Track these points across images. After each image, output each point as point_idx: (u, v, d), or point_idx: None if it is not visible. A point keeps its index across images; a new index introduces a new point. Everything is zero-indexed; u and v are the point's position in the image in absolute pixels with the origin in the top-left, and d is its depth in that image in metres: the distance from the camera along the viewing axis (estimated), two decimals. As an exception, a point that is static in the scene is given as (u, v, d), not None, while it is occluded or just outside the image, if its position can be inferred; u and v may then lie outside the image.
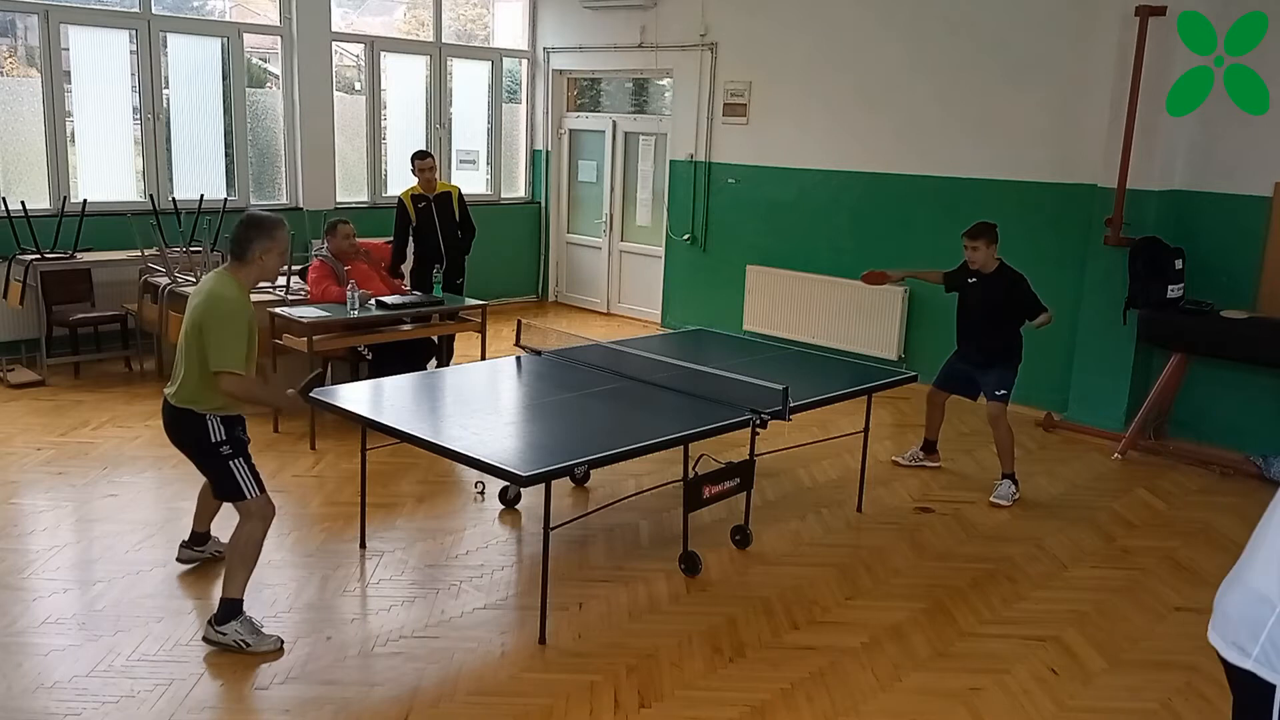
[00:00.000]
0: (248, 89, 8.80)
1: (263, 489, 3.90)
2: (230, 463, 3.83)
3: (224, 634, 3.74)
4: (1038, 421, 7.06)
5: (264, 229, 3.80)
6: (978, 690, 3.71)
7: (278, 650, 3.75)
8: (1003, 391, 5.63)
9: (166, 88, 8.35)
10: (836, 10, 8.25)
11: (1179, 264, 6.42)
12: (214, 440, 3.82)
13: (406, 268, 7.60)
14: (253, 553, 3.85)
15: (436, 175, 7.51)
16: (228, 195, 8.66)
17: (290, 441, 6.10)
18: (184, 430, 3.86)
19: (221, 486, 3.91)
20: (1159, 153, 6.54)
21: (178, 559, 4.42)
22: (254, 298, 6.62)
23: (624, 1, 9.56)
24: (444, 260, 7.42)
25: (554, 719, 3.44)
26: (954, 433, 6.71)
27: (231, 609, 3.78)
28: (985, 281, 5.66)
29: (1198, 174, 6.58)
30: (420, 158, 7.44)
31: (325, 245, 6.84)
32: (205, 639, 3.77)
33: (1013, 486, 5.63)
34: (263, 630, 3.80)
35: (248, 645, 3.73)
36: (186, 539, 4.46)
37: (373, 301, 6.37)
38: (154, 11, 8.16)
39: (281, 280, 6.81)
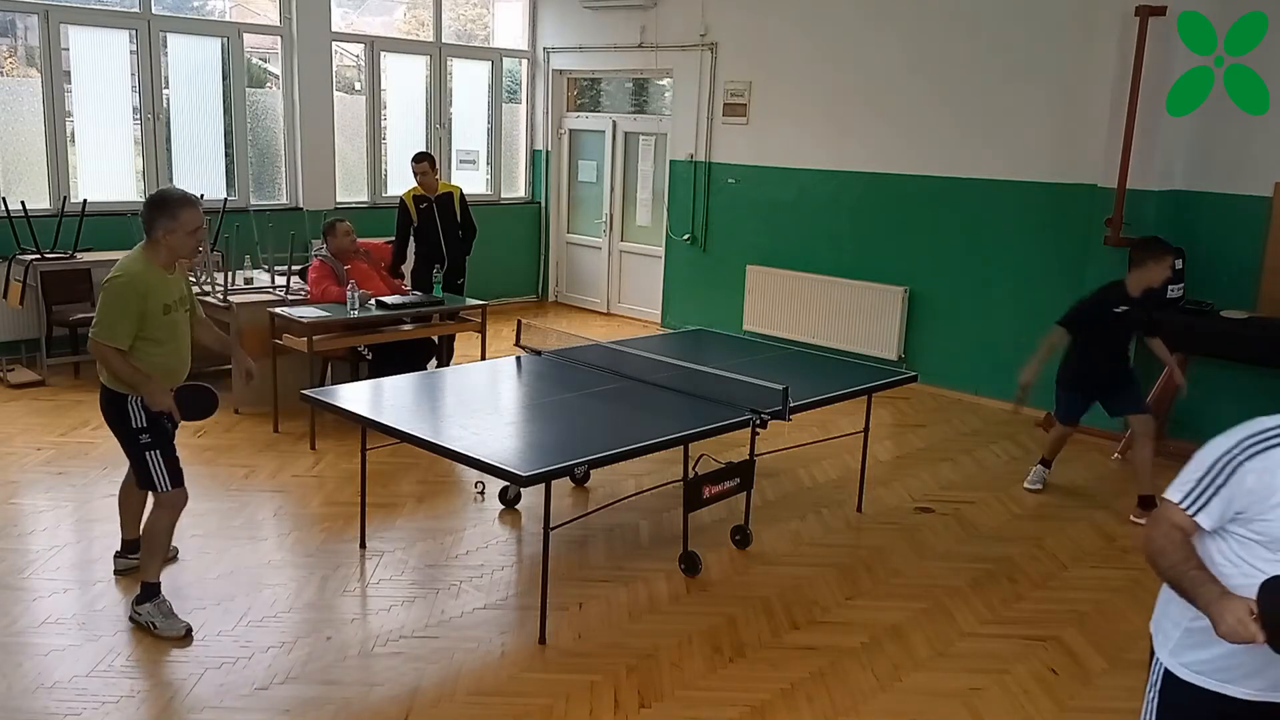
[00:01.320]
0: (248, 89, 8.80)
1: (177, 482, 3.95)
2: (147, 453, 3.89)
3: (139, 614, 3.87)
4: (1038, 422, 7.05)
5: (165, 209, 3.78)
6: (978, 690, 3.71)
7: (185, 636, 3.82)
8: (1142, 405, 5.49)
9: (166, 88, 8.35)
10: (836, 10, 8.25)
11: (1179, 264, 6.42)
12: (134, 426, 3.87)
13: (407, 268, 7.60)
14: (162, 541, 3.98)
15: (436, 177, 7.51)
16: (228, 195, 8.66)
17: (290, 441, 6.10)
18: (110, 413, 3.94)
19: (140, 476, 3.98)
20: (1159, 153, 6.53)
21: (115, 571, 4.33)
22: (255, 297, 6.73)
23: (624, 1, 9.56)
24: (445, 261, 7.42)
25: (554, 719, 3.44)
26: (954, 433, 6.72)
27: (149, 591, 3.90)
28: (1135, 304, 5.38)
29: (1198, 174, 6.58)
30: (416, 160, 7.44)
31: (325, 245, 6.84)
32: (129, 617, 3.92)
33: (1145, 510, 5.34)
34: (174, 616, 3.88)
35: (155, 627, 3.83)
36: (118, 550, 4.38)
37: (373, 301, 6.37)
38: (154, 11, 8.16)
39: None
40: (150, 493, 3.99)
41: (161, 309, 3.83)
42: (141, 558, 4.01)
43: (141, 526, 4.07)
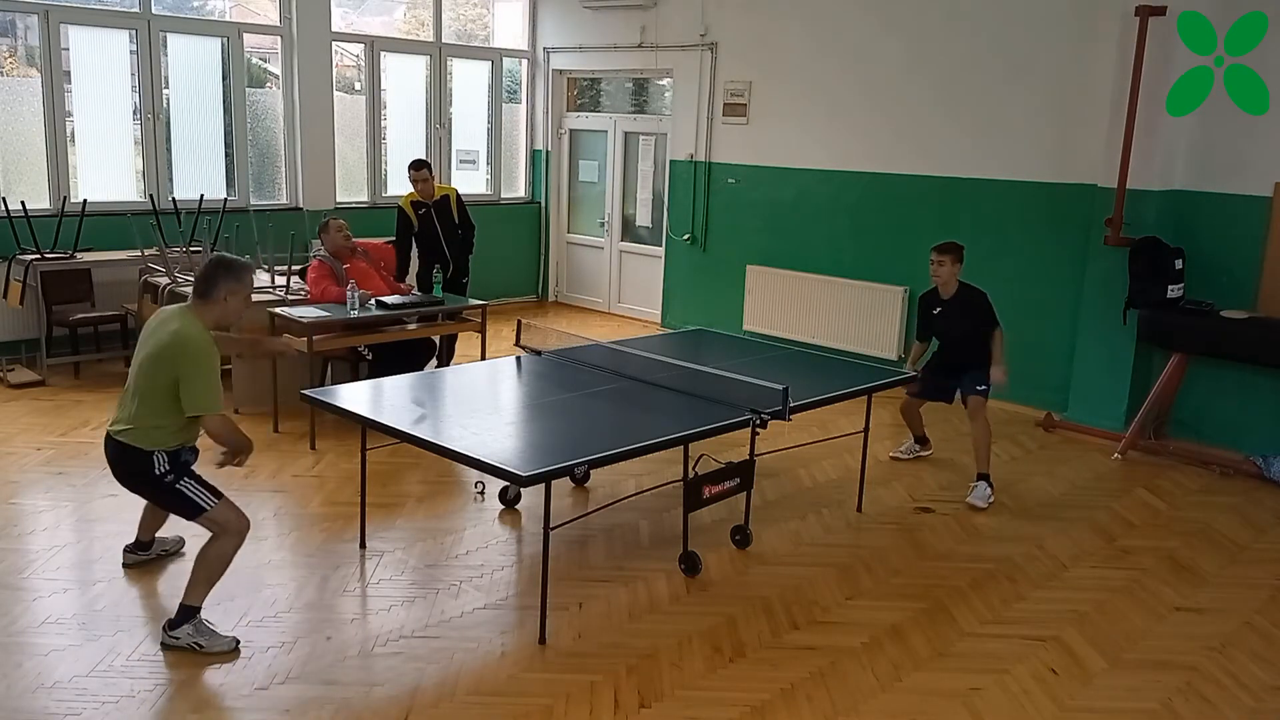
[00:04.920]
0: (248, 89, 8.80)
1: (220, 495, 3.86)
2: (178, 486, 3.81)
3: (177, 638, 3.73)
4: (1038, 421, 7.06)
5: (233, 272, 3.81)
6: (978, 690, 3.71)
7: (234, 650, 3.73)
8: (982, 386, 5.72)
9: (166, 88, 8.35)
10: (837, 10, 8.25)
11: (1179, 264, 6.42)
12: (159, 472, 3.79)
13: (410, 271, 7.62)
14: (220, 569, 3.84)
15: (434, 184, 7.49)
16: (228, 195, 8.66)
17: (290, 441, 6.10)
18: (129, 466, 3.81)
19: (181, 511, 3.87)
20: (1159, 153, 6.53)
21: (124, 564, 4.36)
22: (255, 297, 6.67)
23: (624, 1, 9.56)
24: (449, 263, 7.43)
25: (554, 719, 3.44)
26: (954, 432, 6.71)
27: (187, 614, 3.77)
28: (948, 307, 5.82)
29: (1198, 174, 6.58)
30: (415, 168, 7.42)
31: (323, 245, 6.83)
32: (162, 645, 3.75)
33: (989, 488, 5.59)
34: (217, 631, 3.78)
35: (200, 647, 3.72)
36: (130, 544, 4.40)
37: (373, 301, 6.37)
38: (154, 11, 8.16)
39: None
40: (201, 521, 3.84)
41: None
42: (191, 580, 3.82)
43: (201, 549, 3.87)
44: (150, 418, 3.74)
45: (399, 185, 8.79)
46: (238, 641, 3.77)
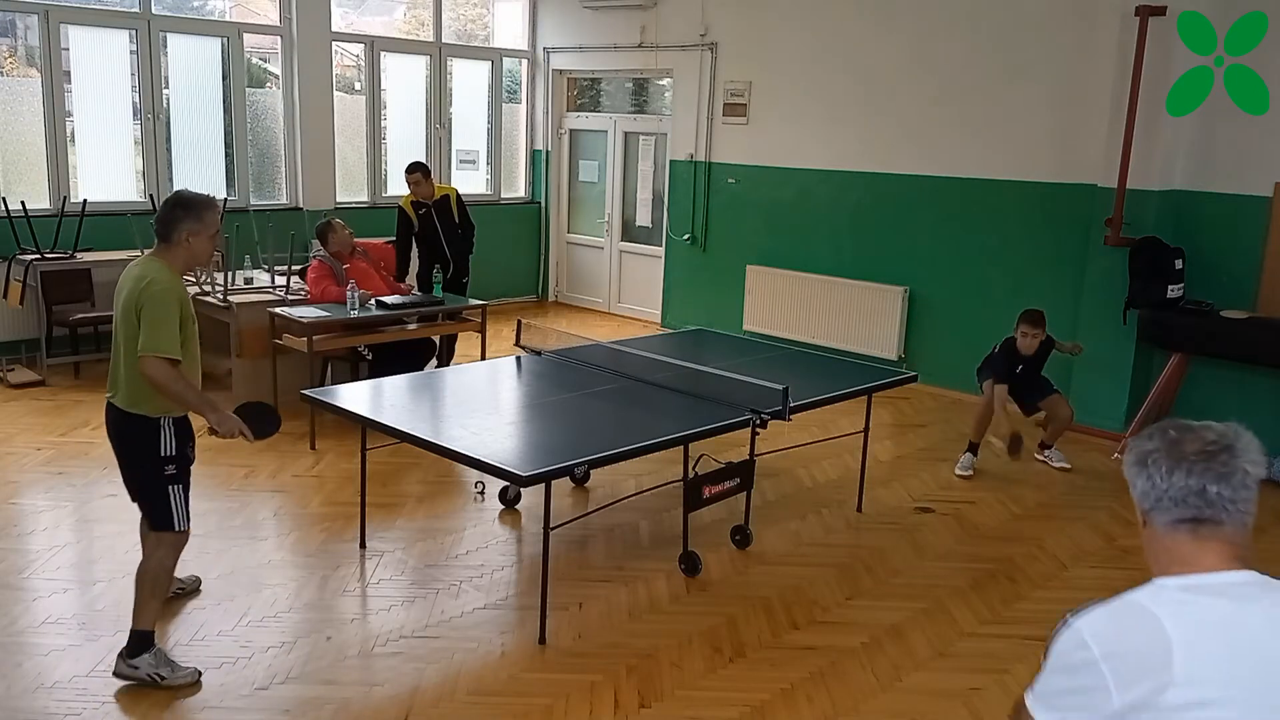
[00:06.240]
0: (248, 89, 8.80)
1: (189, 521, 3.61)
2: (170, 487, 3.52)
3: (136, 668, 3.48)
4: (1038, 422, 7.05)
5: (192, 209, 3.53)
6: (978, 690, 3.71)
7: (195, 683, 3.52)
8: (1056, 390, 6.30)
9: (166, 88, 8.35)
10: (837, 9, 8.25)
11: (1179, 264, 6.42)
12: (164, 454, 3.50)
13: (411, 271, 7.62)
14: (165, 582, 3.63)
15: (432, 186, 7.49)
16: (228, 195, 8.66)
17: (290, 441, 6.09)
18: (133, 438, 3.52)
19: (151, 512, 3.58)
20: (1159, 153, 6.53)
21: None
22: (253, 297, 6.73)
23: (624, 1, 9.56)
24: (450, 263, 7.44)
25: (554, 719, 3.44)
26: (955, 433, 6.71)
27: (143, 641, 3.51)
28: (1029, 363, 6.12)
29: (1198, 174, 6.57)
30: (409, 171, 7.42)
31: (322, 247, 6.82)
32: (116, 673, 3.51)
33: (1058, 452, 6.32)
34: (177, 662, 3.57)
35: (162, 679, 3.48)
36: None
37: (373, 301, 6.37)
38: (154, 11, 8.16)
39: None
40: (156, 533, 3.56)
41: (191, 320, 3.53)
42: (136, 603, 3.54)
43: (137, 568, 3.60)
44: (140, 377, 3.42)
45: (399, 185, 8.79)
46: (199, 673, 3.56)
